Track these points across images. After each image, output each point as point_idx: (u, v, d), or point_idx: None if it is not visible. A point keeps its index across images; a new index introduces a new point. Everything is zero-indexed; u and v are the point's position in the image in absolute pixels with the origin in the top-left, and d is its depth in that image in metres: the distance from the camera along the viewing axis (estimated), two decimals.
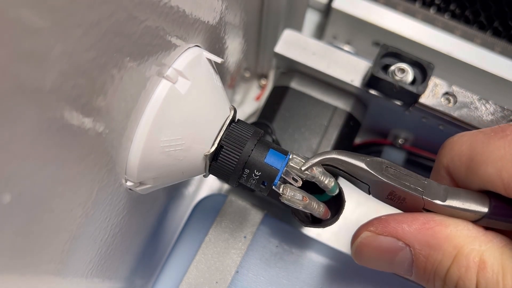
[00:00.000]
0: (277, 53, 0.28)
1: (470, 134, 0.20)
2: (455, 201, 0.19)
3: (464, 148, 0.19)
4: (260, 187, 0.20)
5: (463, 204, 0.19)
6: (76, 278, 0.20)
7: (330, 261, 0.28)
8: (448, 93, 0.26)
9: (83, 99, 0.14)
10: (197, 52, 0.20)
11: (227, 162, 0.20)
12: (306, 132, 0.28)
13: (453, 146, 0.20)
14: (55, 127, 0.13)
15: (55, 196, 0.15)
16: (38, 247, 0.15)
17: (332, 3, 0.36)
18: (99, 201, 0.18)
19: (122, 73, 0.15)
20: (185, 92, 0.18)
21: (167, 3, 0.17)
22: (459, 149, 0.20)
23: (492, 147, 0.18)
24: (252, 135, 0.20)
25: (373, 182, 0.20)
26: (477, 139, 0.19)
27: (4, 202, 0.12)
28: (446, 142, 0.21)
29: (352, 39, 0.38)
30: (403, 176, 0.20)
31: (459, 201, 0.19)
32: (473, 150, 0.19)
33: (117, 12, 0.14)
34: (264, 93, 0.38)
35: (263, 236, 0.28)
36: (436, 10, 0.39)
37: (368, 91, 0.27)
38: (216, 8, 0.22)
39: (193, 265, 0.27)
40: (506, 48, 0.36)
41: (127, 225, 0.22)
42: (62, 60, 0.12)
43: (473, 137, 0.19)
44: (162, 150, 0.18)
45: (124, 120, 0.17)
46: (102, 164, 0.17)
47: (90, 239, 0.19)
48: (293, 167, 0.20)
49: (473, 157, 0.19)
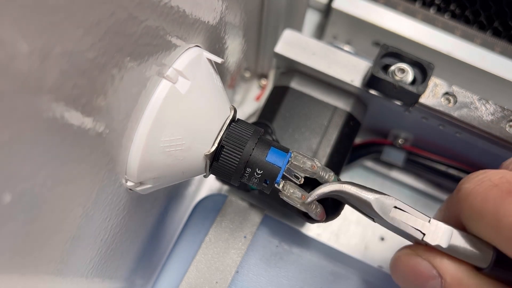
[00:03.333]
0: (277, 53, 0.28)
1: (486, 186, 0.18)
2: (458, 246, 0.19)
3: (476, 202, 0.18)
4: (262, 185, 0.20)
5: (466, 251, 0.18)
6: (76, 278, 0.20)
7: (330, 261, 0.28)
8: (448, 93, 0.26)
9: (83, 99, 0.14)
10: (197, 52, 0.20)
11: (229, 162, 0.20)
12: (306, 132, 0.28)
13: (467, 197, 0.19)
14: (55, 127, 0.13)
15: (55, 196, 0.15)
16: (38, 247, 0.15)
17: (332, 3, 0.36)
18: (99, 201, 0.18)
19: (122, 73, 0.15)
20: (185, 92, 0.18)
21: (167, 3, 0.17)
22: (471, 202, 0.19)
23: (502, 211, 0.17)
24: (253, 134, 0.20)
25: (378, 218, 0.20)
26: (490, 194, 0.18)
27: (4, 202, 0.12)
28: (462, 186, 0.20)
29: (352, 39, 0.38)
30: (407, 216, 0.20)
31: (462, 247, 0.18)
32: (484, 208, 0.18)
33: (117, 12, 0.14)
34: (264, 93, 0.38)
35: (263, 236, 0.28)
36: (436, 10, 0.39)
37: (368, 91, 0.27)
38: (216, 8, 0.22)
39: (193, 265, 0.27)
40: (506, 48, 0.36)
41: (127, 225, 0.22)
42: (63, 60, 0.12)
43: (487, 192, 0.18)
44: (163, 150, 0.18)
45: (124, 120, 0.17)
46: (102, 164, 0.17)
47: (90, 239, 0.19)
48: (295, 165, 0.21)
49: (483, 216, 0.18)
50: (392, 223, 0.19)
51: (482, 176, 0.19)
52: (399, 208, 0.20)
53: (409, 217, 0.19)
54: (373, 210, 0.20)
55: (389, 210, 0.20)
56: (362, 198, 0.20)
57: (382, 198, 0.20)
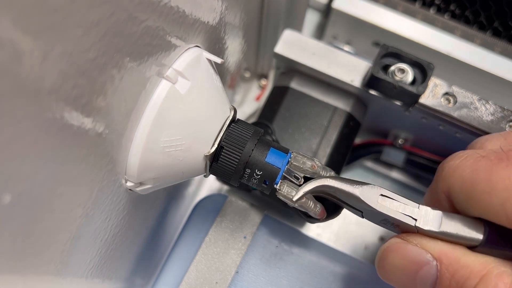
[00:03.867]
0: (277, 53, 0.28)
1: (472, 159, 0.19)
2: (450, 227, 0.18)
3: (465, 174, 0.18)
4: (262, 186, 0.20)
5: (458, 231, 0.18)
6: (76, 278, 0.20)
7: (330, 261, 0.28)
8: (448, 93, 0.26)
9: (83, 99, 0.14)
10: (197, 52, 0.20)
11: (228, 163, 0.20)
12: (306, 132, 0.28)
13: (454, 171, 0.19)
14: (55, 127, 0.13)
15: (55, 196, 0.15)
16: (38, 247, 0.15)
17: (332, 3, 0.36)
18: (99, 201, 0.18)
19: (122, 73, 0.15)
20: (185, 92, 0.18)
21: (167, 3, 0.17)
22: (460, 175, 0.19)
23: (496, 177, 0.17)
24: (253, 134, 0.20)
25: (366, 210, 0.20)
26: (479, 165, 0.18)
27: (4, 202, 0.12)
28: (446, 165, 0.20)
29: (352, 39, 0.38)
30: (396, 204, 0.19)
31: (453, 228, 0.18)
32: (475, 177, 0.18)
33: (117, 12, 0.14)
34: (264, 93, 0.38)
35: (263, 236, 0.28)
36: (436, 10, 0.39)
37: (368, 91, 0.27)
38: (216, 9, 0.22)
39: (193, 265, 0.27)
40: (506, 48, 0.36)
41: (127, 225, 0.22)
42: (62, 60, 0.12)
43: (475, 163, 0.18)
44: (162, 150, 0.18)
45: (124, 120, 0.17)
46: (102, 164, 0.17)
47: (90, 239, 0.19)
48: (295, 165, 0.21)
49: (475, 185, 0.18)
50: (381, 211, 0.19)
51: (464, 152, 0.19)
52: (387, 196, 0.20)
53: (398, 204, 0.19)
54: (360, 201, 0.19)
55: (376, 198, 0.19)
56: (347, 190, 0.20)
57: (367, 187, 0.20)
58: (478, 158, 0.18)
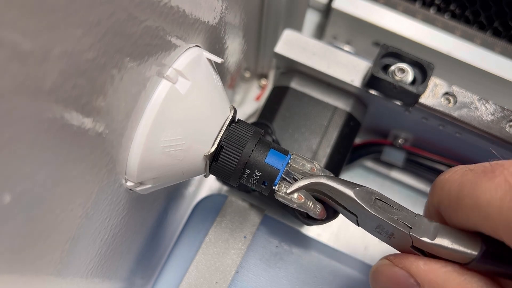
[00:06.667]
0: (277, 53, 0.28)
1: (460, 172, 0.18)
2: (445, 240, 0.18)
3: (453, 188, 0.18)
4: (261, 187, 0.20)
5: (453, 244, 0.18)
6: (76, 278, 0.20)
7: (330, 261, 0.28)
8: (448, 93, 0.26)
9: (83, 99, 0.14)
10: (197, 52, 0.20)
11: (228, 163, 0.20)
12: (306, 132, 0.28)
13: (443, 185, 0.19)
14: (55, 127, 0.13)
15: (55, 196, 0.15)
16: (38, 247, 0.15)
17: (332, 3, 0.36)
18: (99, 201, 0.18)
19: (122, 73, 0.15)
20: (185, 92, 0.18)
21: (167, 3, 0.17)
22: (449, 189, 0.18)
23: (479, 191, 0.17)
24: (253, 135, 0.20)
25: (360, 213, 0.19)
26: (466, 179, 0.18)
27: (4, 202, 0.12)
28: (437, 179, 0.20)
29: (352, 39, 0.38)
30: (392, 210, 0.19)
31: (448, 240, 0.18)
32: (461, 191, 0.18)
33: (117, 12, 0.14)
34: (264, 93, 0.38)
35: (263, 236, 0.28)
36: (436, 10, 0.39)
37: (368, 91, 0.27)
38: (216, 8, 0.22)
39: (193, 265, 0.27)
40: (506, 48, 0.36)
41: (127, 225, 0.22)
42: (62, 60, 0.12)
43: (463, 177, 0.18)
44: (162, 150, 0.18)
45: (124, 120, 0.17)
46: (102, 164, 0.17)
47: (90, 239, 0.19)
48: (294, 167, 0.21)
49: (460, 199, 0.18)
50: (375, 213, 0.19)
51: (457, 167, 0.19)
52: (383, 201, 0.19)
53: (394, 210, 0.19)
54: (354, 201, 0.19)
55: (371, 201, 0.19)
56: (341, 189, 0.19)
57: (363, 189, 0.19)
58: (466, 172, 0.18)
